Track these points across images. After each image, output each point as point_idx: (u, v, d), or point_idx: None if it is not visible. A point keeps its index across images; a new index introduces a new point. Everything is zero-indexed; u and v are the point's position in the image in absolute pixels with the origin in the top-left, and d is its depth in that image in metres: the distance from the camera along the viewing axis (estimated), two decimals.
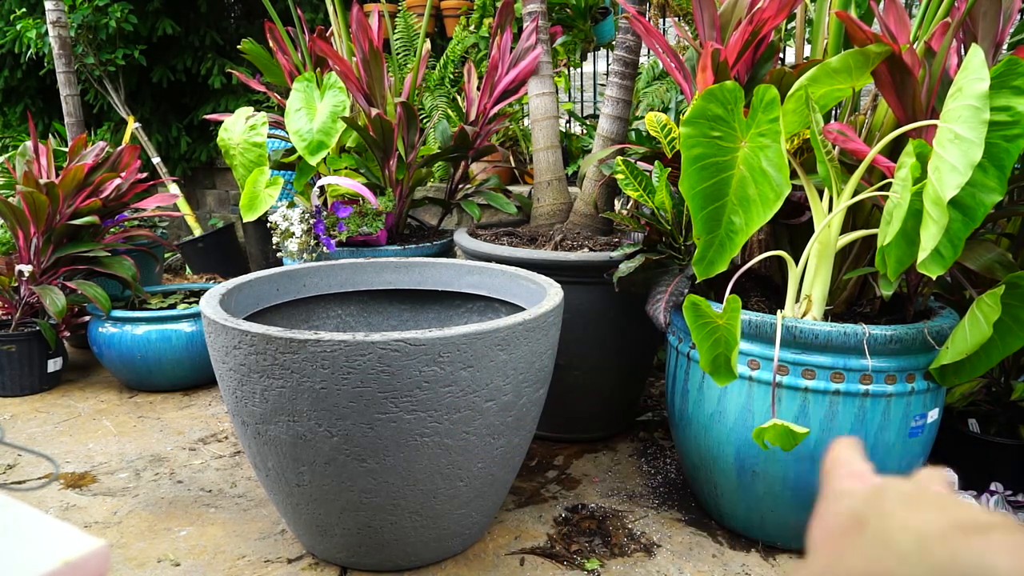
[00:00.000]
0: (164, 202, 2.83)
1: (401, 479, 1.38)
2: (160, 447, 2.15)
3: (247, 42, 2.63)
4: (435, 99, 3.62)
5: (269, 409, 1.35)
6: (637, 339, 2.09)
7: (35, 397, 2.55)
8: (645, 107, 3.03)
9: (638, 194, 1.76)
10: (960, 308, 1.70)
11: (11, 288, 2.59)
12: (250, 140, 2.37)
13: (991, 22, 1.42)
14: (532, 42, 2.38)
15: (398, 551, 1.49)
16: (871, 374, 1.43)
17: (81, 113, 3.45)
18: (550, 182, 2.39)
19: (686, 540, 1.66)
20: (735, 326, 1.28)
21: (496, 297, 1.91)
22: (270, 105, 3.97)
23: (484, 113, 2.50)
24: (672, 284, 1.67)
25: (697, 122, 1.37)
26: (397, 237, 2.53)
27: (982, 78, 1.12)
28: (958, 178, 1.11)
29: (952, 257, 1.22)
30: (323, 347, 1.26)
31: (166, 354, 2.51)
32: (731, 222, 1.39)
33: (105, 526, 1.72)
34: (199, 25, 4.26)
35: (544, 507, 1.79)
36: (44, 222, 2.49)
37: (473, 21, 3.70)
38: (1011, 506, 1.57)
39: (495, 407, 1.40)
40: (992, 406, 1.86)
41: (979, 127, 1.11)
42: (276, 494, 1.50)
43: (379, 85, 2.42)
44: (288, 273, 1.87)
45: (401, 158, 2.43)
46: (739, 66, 1.63)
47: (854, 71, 1.38)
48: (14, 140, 4.45)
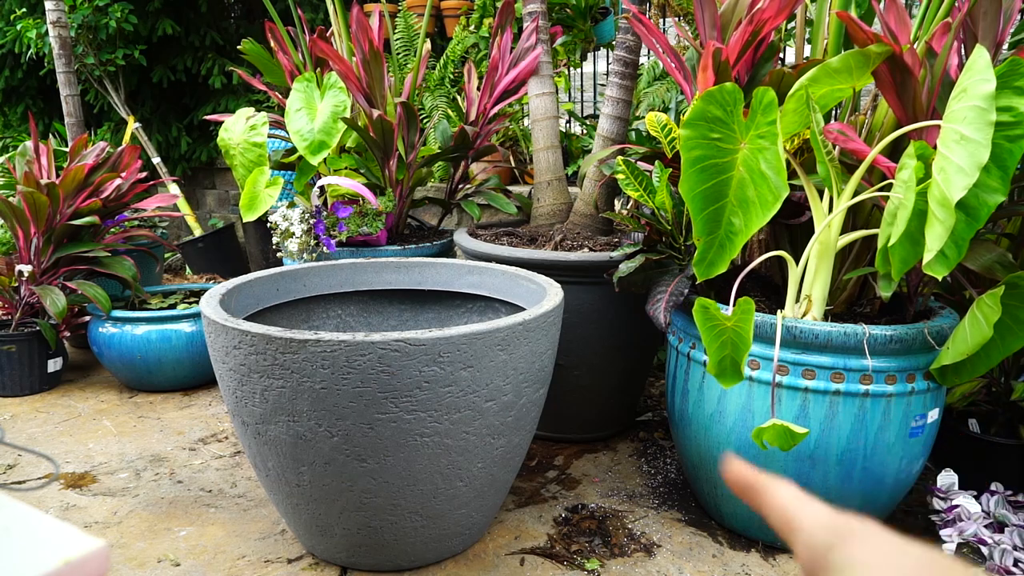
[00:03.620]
0: (164, 202, 2.83)
1: (401, 479, 1.38)
2: (160, 447, 2.15)
3: (247, 42, 2.63)
4: (435, 99, 3.62)
5: (269, 409, 1.35)
6: (637, 339, 2.09)
7: (35, 397, 2.55)
8: (645, 107, 3.03)
9: (638, 194, 1.76)
10: (960, 308, 1.70)
11: (11, 288, 2.59)
12: (250, 140, 2.37)
13: (991, 22, 1.41)
14: (532, 42, 2.38)
15: (398, 551, 1.49)
16: (871, 374, 1.42)
17: (81, 113, 3.45)
18: (550, 182, 2.39)
19: (686, 540, 1.66)
20: (745, 328, 1.28)
21: (496, 297, 1.91)
22: (270, 105, 3.97)
23: (484, 113, 2.50)
24: (672, 284, 1.67)
25: (697, 124, 1.37)
26: (397, 237, 2.53)
27: (988, 79, 1.12)
28: (965, 179, 1.11)
29: (956, 258, 1.22)
30: (323, 347, 1.26)
31: (166, 354, 2.51)
32: (731, 223, 1.39)
33: (105, 526, 1.72)
34: (199, 25, 4.26)
35: (544, 507, 1.79)
36: (44, 222, 2.48)
37: (473, 21, 3.70)
38: (1011, 506, 1.57)
39: (495, 407, 1.40)
40: (992, 406, 1.86)
41: (986, 128, 1.11)
42: (276, 494, 1.50)
43: (379, 85, 2.42)
44: (288, 273, 1.87)
45: (401, 158, 2.43)
46: (739, 66, 1.63)
47: (855, 71, 1.38)
48: (14, 140, 4.46)
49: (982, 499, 1.57)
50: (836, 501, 1.51)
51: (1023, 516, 1.51)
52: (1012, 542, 1.43)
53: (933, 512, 1.60)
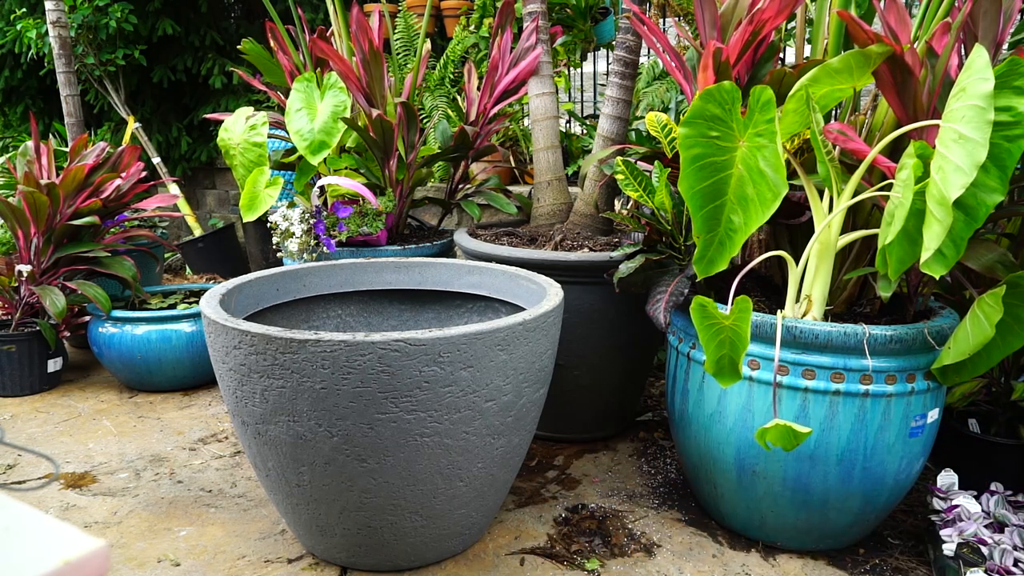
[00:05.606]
0: (164, 202, 2.83)
1: (401, 479, 1.38)
2: (160, 447, 2.15)
3: (247, 42, 2.63)
4: (435, 99, 3.62)
5: (269, 409, 1.35)
6: (637, 339, 2.09)
7: (35, 397, 2.55)
8: (645, 107, 3.03)
9: (638, 194, 1.76)
10: (960, 308, 1.70)
11: (11, 288, 2.59)
12: (250, 140, 2.37)
13: (991, 22, 1.41)
14: (532, 42, 2.38)
15: (398, 551, 1.49)
16: (871, 374, 1.42)
17: (81, 113, 3.45)
18: (550, 182, 2.39)
19: (686, 540, 1.66)
20: (742, 327, 1.28)
21: (496, 297, 1.91)
22: (270, 105, 3.97)
23: (484, 113, 2.50)
24: (672, 284, 1.67)
25: (695, 122, 1.37)
26: (397, 237, 2.53)
27: (986, 78, 1.12)
28: (963, 178, 1.11)
29: (955, 257, 1.22)
30: (323, 347, 1.26)
31: (166, 354, 2.51)
32: (730, 221, 1.39)
33: (105, 526, 1.72)
34: (199, 25, 4.26)
35: (544, 507, 1.79)
36: (44, 222, 2.49)
37: (473, 21, 3.70)
38: (1011, 506, 1.57)
39: (495, 407, 1.40)
40: (992, 406, 1.86)
41: (984, 127, 1.11)
42: (276, 494, 1.50)
43: (379, 85, 2.42)
44: (288, 273, 1.87)
45: (401, 158, 2.43)
46: (740, 66, 1.63)
47: (855, 71, 1.38)
48: (15, 140, 4.46)
49: (982, 499, 1.57)
50: (836, 501, 1.51)
51: (1023, 516, 1.51)
52: (1012, 542, 1.43)
53: (933, 512, 1.60)
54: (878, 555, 1.61)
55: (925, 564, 1.58)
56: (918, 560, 1.59)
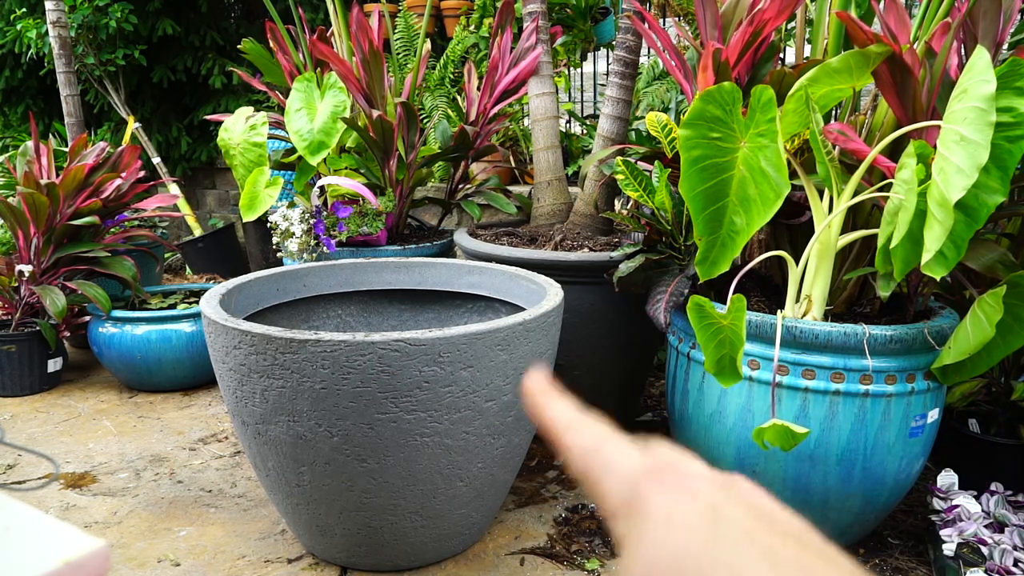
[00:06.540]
0: (164, 202, 2.83)
1: (401, 479, 1.38)
2: (160, 447, 2.15)
3: (247, 42, 2.63)
4: (435, 99, 3.62)
5: (269, 409, 1.35)
6: (637, 339, 2.09)
7: (35, 397, 2.55)
8: (645, 107, 3.03)
9: (638, 194, 1.76)
10: (960, 308, 1.70)
11: (11, 288, 2.59)
12: (250, 140, 2.37)
13: (991, 22, 1.41)
14: (532, 42, 2.38)
15: (398, 551, 1.49)
16: (871, 374, 1.42)
17: (81, 113, 3.45)
18: (550, 182, 2.39)
19: None
20: (740, 326, 1.28)
21: (496, 297, 1.91)
22: (270, 105, 3.97)
23: (484, 113, 2.50)
24: (672, 284, 1.67)
25: (696, 124, 1.37)
26: (397, 237, 2.52)
27: (988, 80, 1.12)
28: (964, 180, 1.11)
29: (955, 258, 1.22)
30: (323, 347, 1.26)
31: (166, 354, 2.51)
32: (732, 222, 1.39)
33: (105, 526, 1.72)
34: (199, 25, 4.26)
35: (544, 507, 1.79)
36: (44, 222, 2.48)
37: (473, 21, 3.70)
38: (1011, 506, 1.57)
39: (495, 407, 1.40)
40: (992, 406, 1.86)
41: (985, 129, 1.11)
42: (276, 494, 1.50)
43: (379, 85, 2.42)
44: (288, 273, 1.87)
45: (401, 158, 2.43)
46: (740, 67, 1.63)
47: (854, 71, 1.38)
48: (14, 140, 4.45)
49: (982, 499, 1.57)
50: (836, 501, 1.51)
51: (1023, 516, 1.51)
52: (1012, 542, 1.43)
53: (933, 512, 1.60)
54: (878, 555, 1.61)
55: (925, 564, 1.58)
56: (918, 560, 1.59)
